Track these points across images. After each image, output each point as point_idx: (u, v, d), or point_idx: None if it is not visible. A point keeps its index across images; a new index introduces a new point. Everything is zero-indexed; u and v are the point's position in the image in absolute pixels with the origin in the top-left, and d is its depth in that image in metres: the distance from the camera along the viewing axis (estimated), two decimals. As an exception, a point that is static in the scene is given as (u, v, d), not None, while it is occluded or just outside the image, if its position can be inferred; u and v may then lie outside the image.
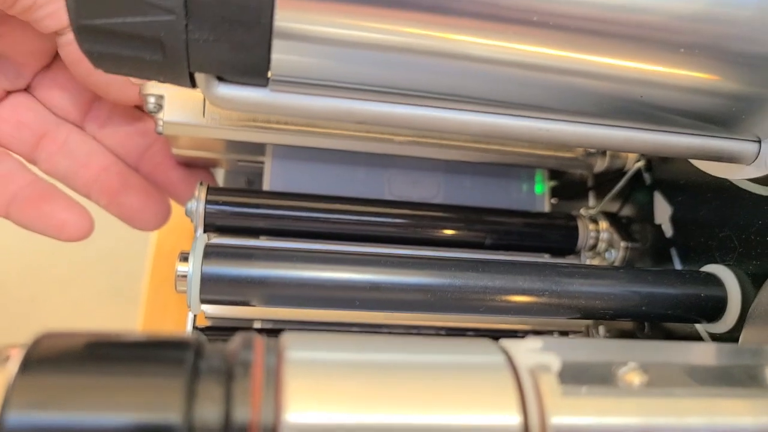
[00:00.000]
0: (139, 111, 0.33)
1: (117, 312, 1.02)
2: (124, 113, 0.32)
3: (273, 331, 0.30)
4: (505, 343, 0.16)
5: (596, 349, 0.17)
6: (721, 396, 0.16)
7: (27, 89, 0.30)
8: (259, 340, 0.14)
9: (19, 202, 0.29)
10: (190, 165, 0.34)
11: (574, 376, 0.15)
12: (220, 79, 0.19)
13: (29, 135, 0.30)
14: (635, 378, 0.15)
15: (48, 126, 0.31)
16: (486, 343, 0.15)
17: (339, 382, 0.13)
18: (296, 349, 0.14)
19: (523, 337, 0.31)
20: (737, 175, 0.23)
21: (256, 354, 0.14)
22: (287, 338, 0.15)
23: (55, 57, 0.30)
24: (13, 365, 0.12)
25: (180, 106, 0.27)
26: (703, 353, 0.18)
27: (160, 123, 0.28)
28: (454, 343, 0.15)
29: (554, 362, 0.15)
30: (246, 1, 0.17)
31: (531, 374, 0.15)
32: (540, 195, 0.34)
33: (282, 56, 0.18)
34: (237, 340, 0.14)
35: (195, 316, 0.27)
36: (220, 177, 0.43)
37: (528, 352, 0.15)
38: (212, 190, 0.28)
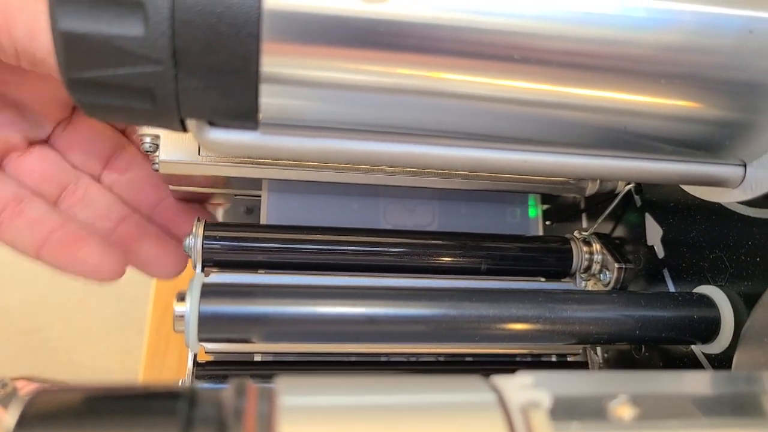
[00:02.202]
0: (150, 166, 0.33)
1: (121, 340, 1.02)
2: (140, 167, 0.33)
3: (273, 363, 0.30)
4: (496, 380, 0.16)
5: (588, 382, 0.17)
6: (714, 427, 0.16)
7: (48, 141, 0.31)
8: (252, 388, 0.14)
9: (52, 245, 0.30)
10: (190, 201, 0.35)
11: (565, 411, 0.15)
12: (212, 123, 0.20)
13: (52, 187, 0.31)
14: (626, 412, 0.15)
15: (69, 178, 0.31)
16: (476, 381, 0.16)
17: (330, 427, 0.14)
18: (289, 395, 0.14)
19: (521, 361, 0.31)
20: (724, 198, 0.23)
21: (249, 402, 0.14)
22: (280, 384, 0.15)
23: (75, 108, 0.30)
24: (10, 421, 0.13)
25: (175, 144, 0.28)
26: (696, 382, 0.19)
27: (157, 162, 0.28)
28: (445, 382, 0.16)
29: (545, 398, 0.15)
30: (233, 48, 0.17)
31: (522, 412, 0.15)
32: (534, 219, 0.34)
33: (270, 100, 0.19)
34: (230, 387, 0.15)
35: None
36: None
37: (518, 389, 0.15)
38: (209, 225, 0.29)
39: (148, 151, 0.28)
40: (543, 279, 0.32)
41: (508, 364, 0.31)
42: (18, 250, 0.30)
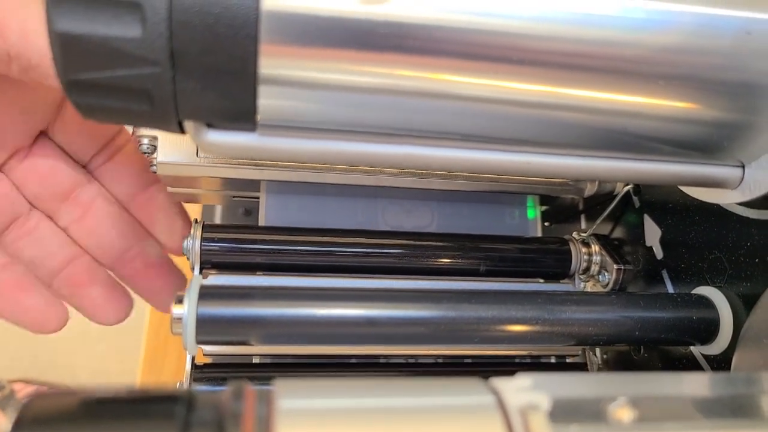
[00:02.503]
0: (120, 210, 0.32)
1: (119, 342, 1.02)
2: (102, 211, 0.31)
3: (272, 365, 0.30)
4: (495, 382, 0.16)
5: (587, 384, 0.17)
6: (713, 429, 0.16)
7: (1, 170, 0.29)
8: (250, 390, 0.14)
9: None
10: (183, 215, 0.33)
11: (564, 413, 0.15)
12: (209, 125, 0.20)
13: (1, 218, 0.29)
14: (625, 414, 0.15)
15: (20, 210, 0.29)
16: (475, 383, 0.16)
17: (328, 430, 0.14)
18: (287, 398, 0.14)
19: (520, 362, 0.31)
20: (723, 199, 0.23)
21: (247, 405, 0.14)
22: (278, 387, 0.15)
23: (36, 139, 0.29)
24: (7, 425, 0.13)
25: (173, 146, 0.28)
26: (695, 384, 0.18)
27: (155, 163, 0.28)
28: (443, 384, 0.16)
29: (544, 401, 0.15)
30: (230, 50, 0.17)
31: (521, 415, 0.15)
32: (532, 220, 0.34)
33: (268, 101, 0.19)
34: (228, 390, 0.15)
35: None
36: (217, 207, 0.44)
37: (517, 391, 0.15)
38: (208, 227, 0.29)
39: (145, 153, 0.28)
40: (542, 280, 0.32)
41: (508, 366, 0.31)
42: None
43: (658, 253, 0.29)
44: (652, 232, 0.29)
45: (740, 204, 0.24)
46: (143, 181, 0.31)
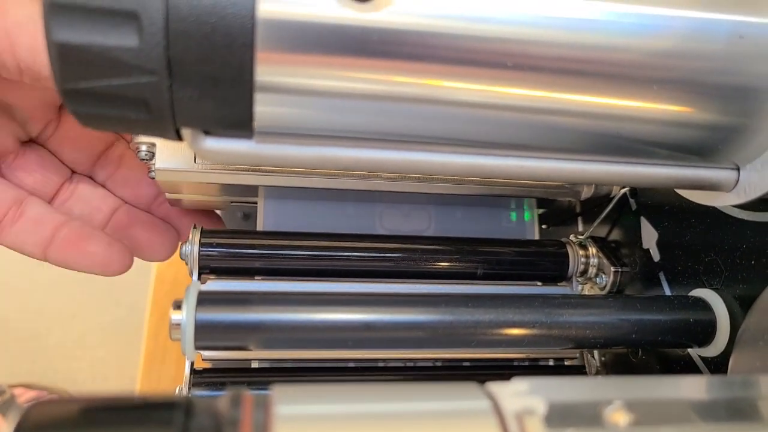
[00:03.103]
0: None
1: (119, 348, 1.02)
2: (131, 164, 0.33)
3: (270, 370, 0.30)
4: (491, 387, 0.16)
5: (583, 388, 0.17)
6: None
7: (38, 142, 0.31)
8: (248, 397, 0.14)
9: (58, 244, 0.30)
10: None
11: (560, 417, 0.15)
12: (207, 132, 0.20)
13: (48, 187, 0.32)
14: (621, 418, 0.15)
15: (62, 176, 0.32)
16: (471, 388, 0.16)
17: (327, 436, 0.14)
18: (284, 404, 0.14)
19: (518, 366, 0.31)
20: (718, 202, 0.24)
21: (245, 411, 0.14)
22: (276, 393, 0.15)
23: (62, 108, 0.31)
24: (7, 433, 0.13)
25: (171, 152, 0.28)
26: (692, 387, 0.19)
27: (153, 170, 0.28)
28: (440, 389, 0.16)
29: (540, 405, 0.15)
30: (227, 58, 0.17)
31: (517, 419, 0.15)
32: (529, 222, 0.34)
33: (265, 109, 0.19)
34: (226, 396, 0.15)
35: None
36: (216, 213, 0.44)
37: (513, 395, 0.15)
38: (206, 232, 0.29)
39: (144, 159, 0.28)
40: (539, 283, 0.32)
41: (506, 369, 0.31)
42: (24, 252, 0.30)
43: (655, 255, 0.29)
44: (649, 235, 0.29)
45: (736, 206, 0.24)
46: None
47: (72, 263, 0.31)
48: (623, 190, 0.31)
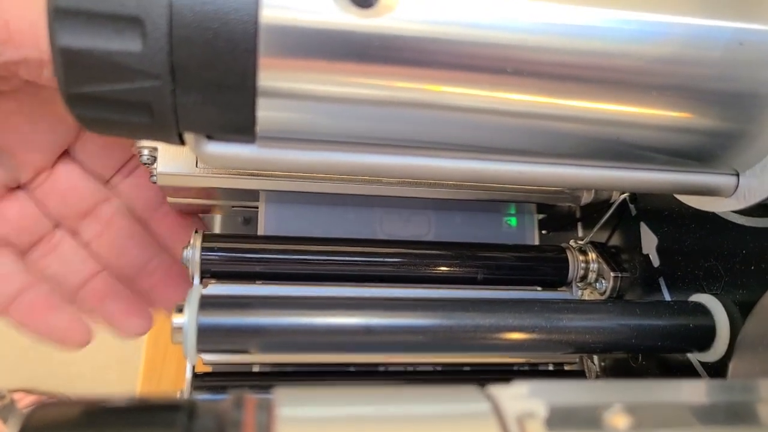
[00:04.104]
0: (139, 226, 0.33)
1: (119, 352, 1.02)
2: (122, 227, 0.32)
3: (271, 374, 0.30)
4: (491, 390, 0.16)
5: (583, 391, 0.17)
6: (708, 435, 0.16)
7: (26, 189, 0.30)
8: (251, 399, 0.15)
9: (21, 306, 0.29)
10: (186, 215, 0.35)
11: (561, 421, 0.15)
12: (209, 136, 0.20)
13: (27, 237, 0.30)
14: (621, 421, 0.16)
15: (44, 229, 0.31)
16: (472, 391, 0.16)
17: (328, 439, 0.14)
18: (287, 406, 0.14)
19: (518, 370, 0.31)
20: (718, 207, 0.24)
21: (247, 413, 0.14)
22: (279, 395, 0.15)
23: (58, 160, 0.30)
24: (11, 436, 0.13)
25: (173, 157, 0.28)
26: (691, 391, 0.19)
27: (154, 174, 0.28)
28: (440, 392, 0.16)
29: (541, 408, 0.15)
30: (230, 64, 0.17)
31: (518, 422, 0.15)
32: (529, 227, 0.34)
33: (267, 114, 0.19)
34: (229, 399, 0.15)
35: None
36: (217, 216, 0.44)
37: (514, 398, 0.15)
38: (207, 237, 0.29)
39: (145, 164, 0.28)
40: (539, 288, 0.32)
41: (506, 374, 0.31)
42: None
43: (655, 260, 0.29)
44: (649, 240, 0.29)
45: (735, 212, 0.24)
46: (161, 196, 0.32)
47: (31, 329, 0.30)
48: (623, 196, 0.31)
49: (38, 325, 0.30)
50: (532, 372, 0.32)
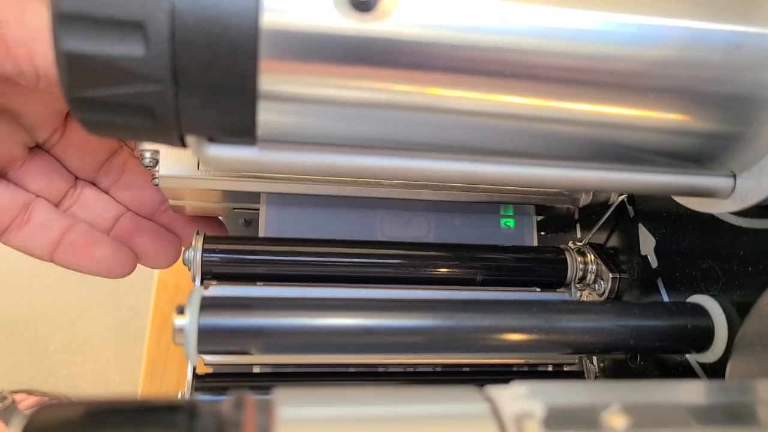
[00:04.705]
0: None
1: (121, 353, 1.02)
2: (135, 172, 0.34)
3: (272, 375, 0.30)
4: (490, 390, 0.16)
5: (581, 391, 0.17)
6: (704, 435, 0.16)
7: (45, 148, 0.32)
8: (251, 400, 0.15)
9: (65, 248, 0.31)
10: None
11: (559, 421, 0.16)
12: (211, 139, 0.20)
13: (54, 192, 0.32)
14: (619, 421, 0.16)
15: (68, 182, 0.33)
16: (470, 391, 0.16)
17: (328, 439, 0.14)
18: (287, 407, 0.15)
19: (517, 371, 0.32)
20: (715, 209, 0.24)
21: (248, 414, 0.14)
22: (278, 396, 0.15)
23: (68, 116, 0.31)
24: (15, 436, 0.13)
25: (175, 159, 0.28)
26: (689, 391, 0.19)
27: (156, 176, 0.28)
28: (439, 392, 0.16)
29: (539, 408, 0.16)
30: (231, 67, 0.18)
31: (516, 422, 0.15)
32: (528, 229, 0.35)
33: (268, 117, 0.19)
34: (229, 399, 0.15)
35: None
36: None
37: (512, 399, 0.16)
38: (208, 238, 0.29)
39: (148, 166, 0.28)
40: (538, 289, 0.32)
41: (505, 374, 0.32)
42: (32, 255, 0.31)
43: (653, 262, 0.29)
44: (647, 242, 0.29)
45: (733, 213, 0.24)
46: None
47: (78, 266, 0.32)
48: (621, 197, 0.31)
49: (85, 261, 0.32)
50: (531, 373, 0.32)
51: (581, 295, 0.32)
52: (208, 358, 0.29)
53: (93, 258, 0.32)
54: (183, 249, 0.30)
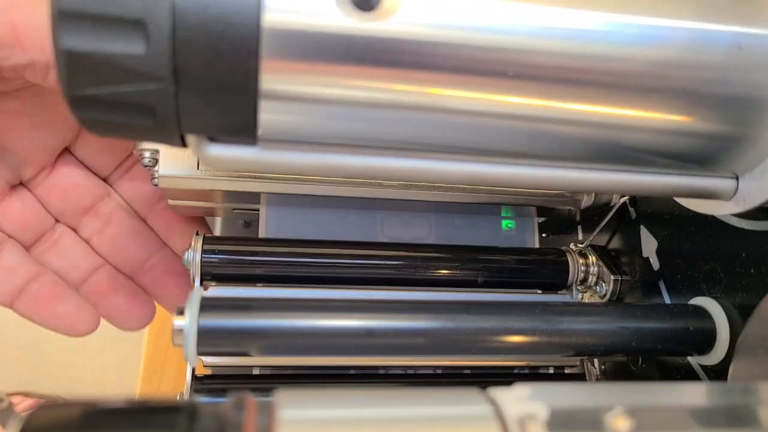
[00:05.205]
0: (139, 222, 0.33)
1: (119, 355, 1.02)
2: (122, 224, 0.32)
3: (272, 376, 0.30)
4: (493, 392, 0.16)
5: (584, 394, 0.17)
6: (708, 437, 0.16)
7: (28, 187, 0.31)
8: (252, 401, 0.15)
9: (28, 297, 0.30)
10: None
11: (562, 423, 0.15)
12: (211, 138, 0.20)
13: (30, 234, 0.31)
14: (622, 423, 0.16)
15: (46, 225, 0.31)
16: (473, 393, 0.16)
17: (330, 440, 0.14)
18: (288, 408, 0.14)
19: (519, 373, 0.31)
20: (717, 210, 0.24)
21: (248, 415, 0.14)
22: (279, 397, 0.15)
23: (58, 157, 0.30)
24: (13, 436, 0.13)
25: (174, 159, 0.28)
26: (692, 394, 0.19)
27: (156, 176, 0.28)
28: (442, 394, 0.16)
29: (542, 410, 0.15)
30: (232, 66, 0.18)
31: (519, 424, 0.15)
32: (528, 230, 0.34)
33: (269, 116, 0.19)
34: (230, 401, 0.15)
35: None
36: (217, 219, 0.44)
37: (515, 401, 0.16)
38: (208, 239, 0.29)
39: (147, 166, 0.28)
40: (539, 291, 0.32)
41: (506, 377, 0.31)
42: None
43: (655, 264, 0.29)
44: (649, 243, 0.29)
45: (735, 215, 0.24)
46: (160, 191, 0.32)
47: (37, 319, 0.30)
48: (623, 199, 0.31)
49: (45, 315, 0.30)
50: (533, 375, 0.32)
51: (583, 297, 0.32)
52: (208, 359, 0.29)
53: (54, 313, 0.30)
54: (183, 250, 0.30)
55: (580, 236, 0.35)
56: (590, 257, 0.31)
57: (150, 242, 0.33)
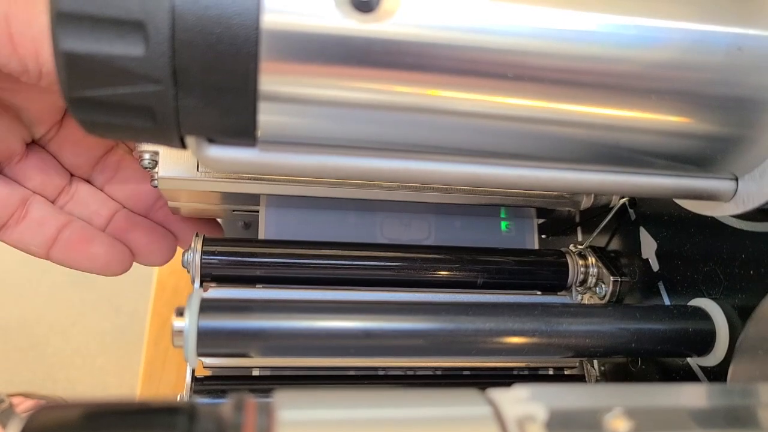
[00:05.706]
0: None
1: (119, 356, 1.02)
2: (129, 169, 0.34)
3: (271, 378, 0.30)
4: (492, 393, 0.16)
5: (583, 395, 0.17)
6: (707, 438, 0.16)
7: (41, 144, 0.32)
8: (251, 402, 0.15)
9: (61, 244, 0.31)
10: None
11: (561, 424, 0.15)
12: (211, 140, 0.20)
13: (51, 188, 0.32)
14: (621, 425, 0.16)
15: (64, 179, 0.33)
16: (472, 394, 0.16)
17: (329, 442, 0.14)
18: (287, 409, 0.14)
19: (518, 374, 0.31)
20: (717, 212, 0.24)
21: (248, 416, 0.14)
22: (279, 398, 0.15)
23: (65, 114, 0.31)
24: (12, 438, 0.13)
25: (174, 161, 0.28)
26: (691, 395, 0.19)
27: (155, 178, 0.28)
28: (441, 395, 0.16)
29: (541, 412, 0.15)
30: (232, 68, 0.18)
31: (518, 425, 0.15)
32: (528, 232, 0.34)
33: (268, 118, 0.19)
34: (229, 402, 0.15)
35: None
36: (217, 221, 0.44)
37: (515, 402, 0.16)
38: (208, 240, 0.29)
39: (147, 168, 0.28)
40: (539, 292, 0.32)
41: (506, 378, 0.31)
42: (27, 251, 0.31)
43: (654, 265, 0.29)
44: (648, 245, 0.29)
45: (734, 216, 0.24)
46: None
47: (74, 263, 0.32)
48: (622, 200, 0.31)
49: (80, 258, 0.32)
50: (532, 376, 0.32)
51: (582, 299, 0.32)
52: (208, 360, 0.29)
53: (89, 255, 0.31)
54: (182, 251, 0.30)
55: (580, 237, 0.35)
56: (590, 258, 0.31)
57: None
